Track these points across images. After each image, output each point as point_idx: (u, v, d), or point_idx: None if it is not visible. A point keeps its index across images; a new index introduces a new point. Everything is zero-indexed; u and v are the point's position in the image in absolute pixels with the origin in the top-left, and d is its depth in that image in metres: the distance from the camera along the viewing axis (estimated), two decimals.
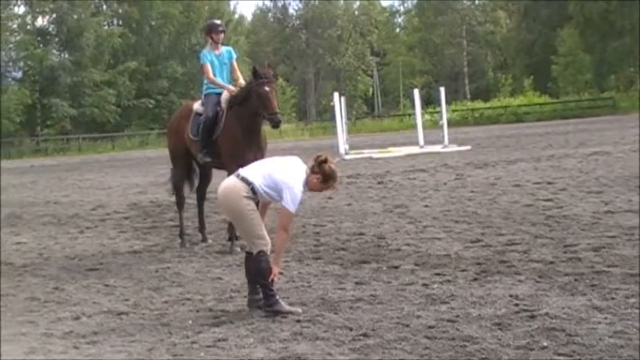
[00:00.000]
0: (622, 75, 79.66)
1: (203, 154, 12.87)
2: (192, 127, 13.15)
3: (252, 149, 12.00)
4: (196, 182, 14.19)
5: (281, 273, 9.46)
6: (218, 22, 14.13)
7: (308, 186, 8.34)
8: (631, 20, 75.67)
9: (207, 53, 13.32)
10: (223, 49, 13.49)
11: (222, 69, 13.31)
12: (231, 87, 13.03)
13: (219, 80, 13.13)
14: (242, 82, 13.00)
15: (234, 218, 8.45)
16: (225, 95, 12.90)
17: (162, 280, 10.47)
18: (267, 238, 8.29)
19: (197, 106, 13.36)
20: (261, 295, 8.31)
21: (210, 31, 13.51)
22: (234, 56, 13.61)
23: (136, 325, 8.15)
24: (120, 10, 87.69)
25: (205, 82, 13.39)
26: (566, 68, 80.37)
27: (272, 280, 8.22)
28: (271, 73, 12.13)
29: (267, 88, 11.80)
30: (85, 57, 77.79)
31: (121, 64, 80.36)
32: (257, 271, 8.24)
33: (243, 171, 8.40)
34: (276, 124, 12.09)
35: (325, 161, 8.32)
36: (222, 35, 13.53)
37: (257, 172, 8.33)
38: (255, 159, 10.81)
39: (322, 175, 8.31)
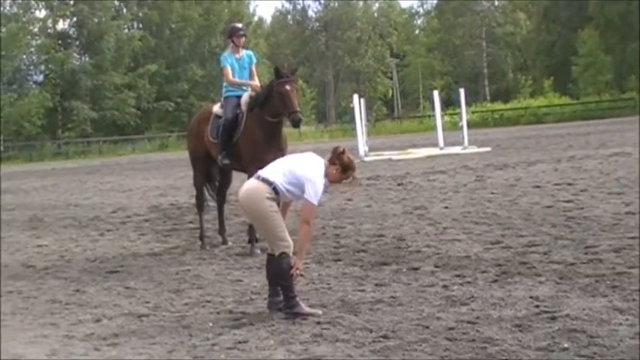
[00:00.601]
0: None
1: (223, 156, 12.90)
2: (212, 129, 13.20)
3: (272, 151, 11.82)
4: (216, 184, 14.20)
5: (301, 275, 9.47)
6: (239, 25, 14.18)
7: (328, 178, 8.38)
8: None
9: (227, 56, 13.36)
10: (244, 52, 13.52)
11: (242, 72, 13.36)
12: (253, 82, 13.23)
13: (239, 80, 13.22)
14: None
15: (256, 220, 8.44)
16: (245, 98, 12.93)
17: (183, 282, 10.49)
18: (289, 239, 8.29)
19: (217, 108, 13.40)
20: (281, 297, 8.32)
21: (232, 34, 13.56)
22: (254, 61, 13.66)
23: (157, 328, 8.17)
24: (140, 14, 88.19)
25: (225, 84, 13.40)
26: (587, 69, 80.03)
27: (293, 276, 8.22)
28: (292, 73, 12.15)
29: (288, 87, 11.81)
30: (105, 60, 78.20)
31: (141, 67, 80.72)
32: (278, 272, 8.24)
33: (263, 172, 8.41)
34: (296, 123, 12.08)
35: (343, 152, 8.46)
36: (243, 39, 13.58)
37: (277, 171, 8.34)
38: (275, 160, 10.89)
39: (341, 166, 8.40)
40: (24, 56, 78.38)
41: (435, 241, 12.16)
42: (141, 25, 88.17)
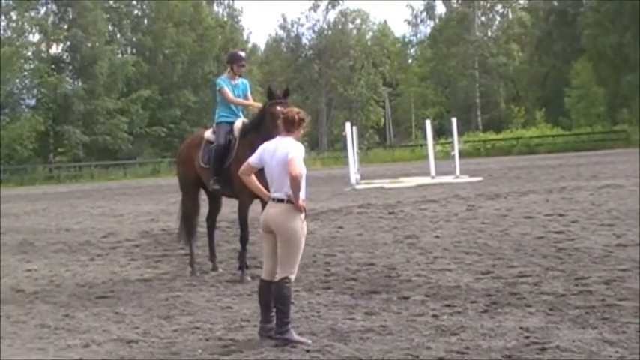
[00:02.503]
0: (635, 108, 79.46)
1: (214, 181, 12.92)
2: (203, 155, 13.22)
3: (264, 179, 11.79)
4: (206, 211, 14.20)
5: (291, 303, 9.47)
6: (242, 54, 14.18)
7: (299, 139, 8.66)
8: None
9: (224, 79, 13.45)
10: (239, 80, 13.59)
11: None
12: (255, 103, 13.34)
13: (240, 99, 13.32)
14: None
15: (287, 239, 8.31)
16: (237, 124, 12.98)
17: (172, 308, 10.47)
18: (296, 268, 8.39)
19: (209, 134, 13.41)
20: (272, 324, 8.31)
21: (233, 61, 13.58)
22: (249, 89, 13.73)
23: (146, 354, 8.15)
24: (134, 39, 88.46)
25: (218, 110, 13.44)
26: (579, 101, 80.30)
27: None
28: (285, 95, 12.01)
29: (279, 108, 11.45)
30: (98, 85, 78.33)
31: (134, 92, 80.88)
32: (278, 296, 8.22)
33: (278, 194, 8.39)
34: None
35: (288, 116, 8.63)
36: (243, 69, 13.69)
37: (282, 180, 8.36)
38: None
39: (303, 122, 8.66)
40: (17, 80, 78.36)
41: (425, 270, 12.15)
42: (134, 51, 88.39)
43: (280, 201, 8.31)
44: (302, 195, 8.29)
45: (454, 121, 39.74)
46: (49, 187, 58.42)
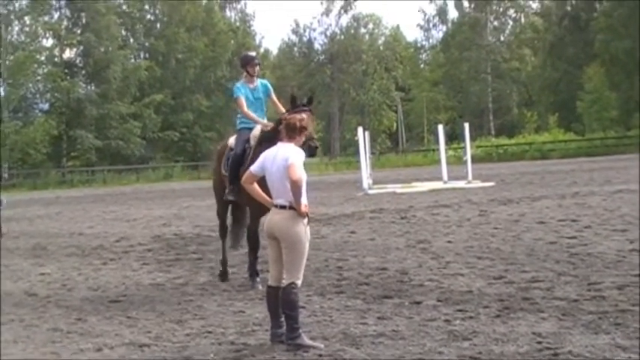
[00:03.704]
0: None
1: (229, 190, 12.53)
2: (225, 162, 12.88)
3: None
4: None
5: (302, 307, 9.49)
6: (253, 54, 13.80)
7: (301, 146, 8.69)
8: None
9: (240, 87, 12.89)
10: (258, 82, 13.06)
11: (257, 103, 12.90)
12: (265, 122, 12.63)
13: (253, 114, 12.70)
14: None
15: (291, 244, 8.32)
16: (255, 132, 12.51)
17: (185, 312, 10.48)
18: (302, 273, 8.39)
19: (232, 140, 13.02)
20: (283, 329, 8.32)
21: (246, 63, 13.09)
22: (271, 89, 13.17)
23: (158, 358, 8.17)
24: (146, 43, 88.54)
25: (239, 116, 13.05)
26: (592, 106, 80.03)
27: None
28: (310, 102, 11.52)
29: (303, 115, 11.07)
30: (111, 89, 78.45)
31: (147, 96, 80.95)
32: (286, 301, 8.24)
33: (280, 200, 8.40)
34: (312, 151, 11.00)
35: (293, 125, 8.73)
36: (257, 68, 13.09)
37: (283, 186, 8.39)
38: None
39: (305, 129, 8.76)
40: (30, 84, 78.58)
41: (437, 275, 12.14)
42: (147, 55, 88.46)
43: (283, 207, 8.33)
44: (304, 200, 8.29)
45: (466, 125, 39.64)
46: (62, 191, 58.54)
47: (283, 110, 12.13)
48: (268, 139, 11.50)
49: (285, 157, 8.34)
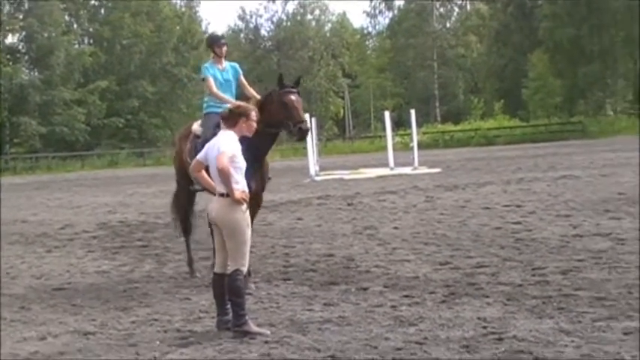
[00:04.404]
0: (591, 100, 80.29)
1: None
2: (190, 149, 11.70)
3: (253, 179, 10.33)
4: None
5: (249, 294, 9.48)
6: (219, 34, 13.32)
7: (244, 132, 8.61)
8: (600, 45, 76.46)
9: (209, 66, 11.94)
10: (227, 64, 12.12)
11: (227, 85, 11.92)
12: (238, 102, 10.94)
13: (223, 95, 11.64)
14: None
15: (230, 232, 8.27)
16: (225, 114, 11.65)
17: (130, 300, 10.41)
18: (248, 259, 8.34)
19: (196, 126, 11.97)
20: (229, 317, 8.29)
21: (213, 43, 12.19)
22: (241, 72, 12.23)
23: (103, 346, 8.10)
24: (91, 29, 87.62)
25: (205, 99, 12.13)
26: (537, 92, 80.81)
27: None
28: (297, 83, 11.22)
29: (293, 97, 10.73)
30: (55, 75, 77.53)
31: (92, 82, 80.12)
32: (231, 288, 8.19)
33: (219, 188, 8.35)
34: (304, 134, 10.91)
35: (235, 108, 8.78)
36: (225, 48, 12.16)
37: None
38: (256, 191, 10.46)
39: (244, 116, 8.59)
40: None
41: (384, 261, 12.18)
42: (92, 41, 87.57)
43: (222, 195, 8.29)
44: (241, 186, 8.25)
45: (413, 112, 39.90)
46: (5, 178, 57.80)
47: (254, 93, 11.74)
48: None
49: (218, 145, 8.33)
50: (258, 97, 11.39)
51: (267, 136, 10.79)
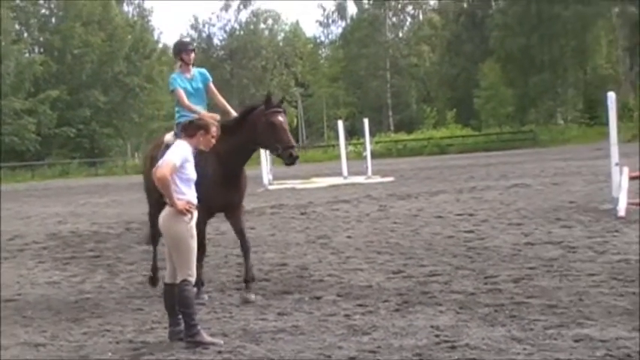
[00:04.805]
0: (542, 109, 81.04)
1: None
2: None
3: (229, 192, 10.43)
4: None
5: (202, 304, 9.44)
6: (187, 40, 12.93)
7: (201, 146, 8.56)
8: (550, 55, 77.34)
9: (176, 77, 11.39)
10: (195, 71, 11.58)
11: (197, 94, 11.44)
12: (214, 115, 10.88)
13: (195, 107, 11.13)
14: (230, 110, 11.42)
15: (173, 243, 8.24)
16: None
17: (82, 311, 10.31)
18: (195, 269, 8.29)
19: (169, 137, 11.20)
20: (182, 327, 8.24)
21: (180, 50, 11.54)
22: (210, 79, 11.72)
23: (54, 358, 8.02)
24: (41, 38, 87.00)
25: (177, 109, 11.60)
26: (488, 101, 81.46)
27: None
28: (281, 103, 10.85)
29: (281, 119, 10.41)
30: (4, 85, 76.77)
31: (42, 92, 79.56)
32: (180, 299, 8.15)
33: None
34: (293, 160, 10.48)
35: (197, 120, 8.83)
36: (193, 55, 11.57)
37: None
38: (232, 204, 10.42)
39: (203, 129, 8.50)
40: None
41: (337, 270, 12.18)
42: (42, 50, 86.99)
43: (170, 205, 8.25)
44: (187, 197, 8.19)
45: (366, 121, 40.02)
46: None
47: (224, 102, 11.61)
48: (226, 133, 10.06)
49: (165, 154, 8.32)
50: (233, 112, 11.23)
51: (250, 151, 10.81)
